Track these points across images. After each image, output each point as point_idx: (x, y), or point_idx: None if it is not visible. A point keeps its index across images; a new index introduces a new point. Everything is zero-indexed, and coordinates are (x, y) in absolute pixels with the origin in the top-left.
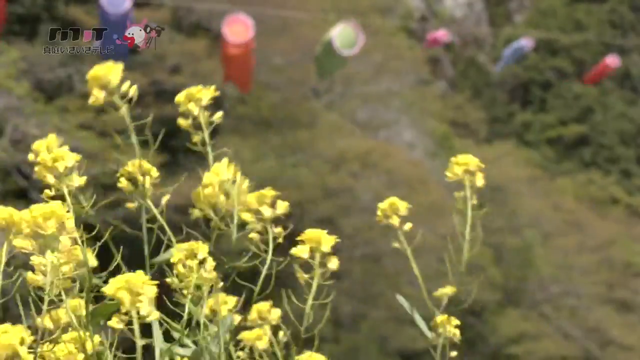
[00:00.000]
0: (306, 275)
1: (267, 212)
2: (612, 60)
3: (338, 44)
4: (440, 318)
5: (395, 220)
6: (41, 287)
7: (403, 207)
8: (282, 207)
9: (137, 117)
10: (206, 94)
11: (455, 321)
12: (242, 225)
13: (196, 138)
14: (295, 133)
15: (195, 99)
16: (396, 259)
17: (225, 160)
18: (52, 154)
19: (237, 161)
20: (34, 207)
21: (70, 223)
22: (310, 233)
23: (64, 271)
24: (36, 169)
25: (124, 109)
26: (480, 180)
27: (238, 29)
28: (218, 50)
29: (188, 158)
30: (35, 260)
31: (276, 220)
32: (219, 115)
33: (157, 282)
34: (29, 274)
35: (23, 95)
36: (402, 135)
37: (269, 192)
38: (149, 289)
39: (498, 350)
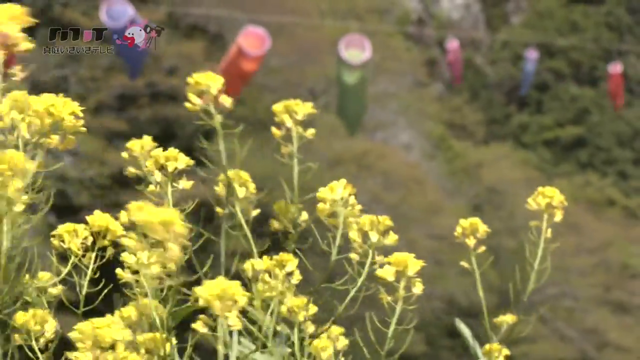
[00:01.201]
0: (389, 298)
1: (374, 237)
2: (616, 67)
3: (347, 58)
4: (491, 346)
5: (471, 241)
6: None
7: (483, 228)
8: (392, 239)
9: (132, 119)
10: (303, 108)
11: (506, 351)
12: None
13: (284, 150)
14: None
15: (291, 111)
16: None
17: (342, 180)
18: (166, 152)
19: (232, 161)
20: (145, 208)
21: (180, 228)
22: (397, 256)
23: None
24: (147, 162)
25: (217, 118)
26: (559, 217)
27: (253, 42)
28: (216, 52)
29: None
30: (127, 258)
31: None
32: (311, 131)
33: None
34: (119, 270)
35: None
36: (399, 136)
37: (384, 220)
38: (242, 299)
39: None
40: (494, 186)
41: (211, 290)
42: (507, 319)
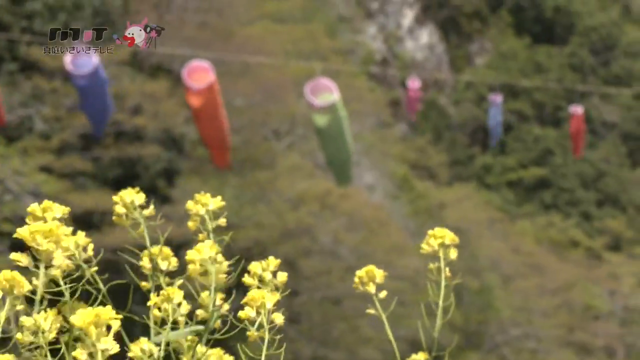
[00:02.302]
0: (256, 333)
1: (268, 276)
2: (577, 109)
3: (315, 102)
4: None
5: (372, 288)
6: None
7: (380, 275)
8: (282, 278)
9: (96, 158)
10: (214, 202)
11: None
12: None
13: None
14: (255, 174)
15: (202, 203)
16: (356, 302)
17: (209, 242)
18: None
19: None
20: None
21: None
22: (254, 293)
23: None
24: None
25: (143, 227)
26: (454, 254)
27: (199, 76)
28: (179, 92)
29: (148, 200)
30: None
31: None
32: (223, 221)
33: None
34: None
35: None
36: (362, 177)
37: (273, 262)
38: (115, 323)
39: None
40: (457, 227)
41: (85, 317)
42: (420, 357)
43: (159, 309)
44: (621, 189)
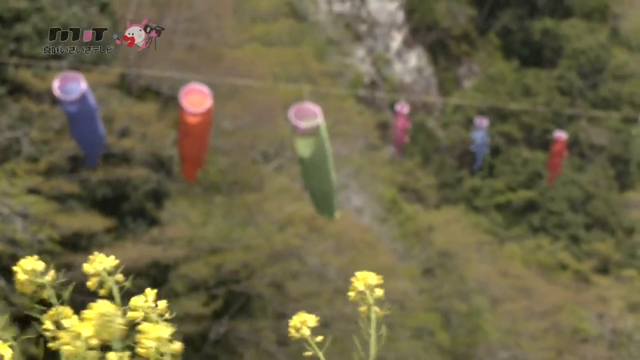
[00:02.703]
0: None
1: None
2: (561, 134)
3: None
4: None
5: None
6: None
7: (312, 320)
8: (162, 306)
9: (84, 181)
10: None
11: None
12: None
13: None
14: (243, 196)
15: None
16: (344, 324)
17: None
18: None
19: (185, 224)
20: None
21: None
22: (150, 327)
23: None
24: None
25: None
26: (379, 292)
27: (195, 99)
28: (168, 114)
29: (136, 222)
30: None
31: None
32: None
33: None
34: None
35: None
36: (351, 200)
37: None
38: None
39: None
40: (445, 250)
41: None
42: None
43: None
44: (609, 211)
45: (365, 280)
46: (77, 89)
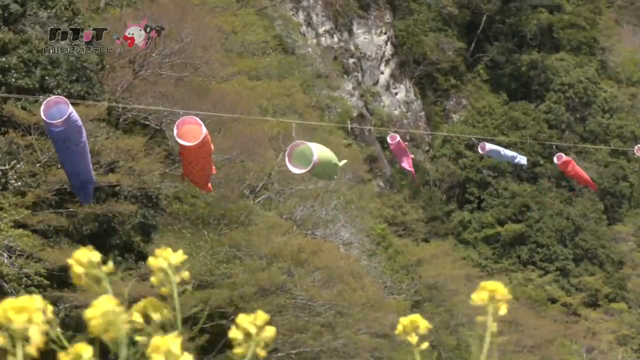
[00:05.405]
0: None
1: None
2: (560, 156)
3: (295, 164)
4: None
5: (413, 339)
6: None
7: (424, 325)
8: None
9: (71, 215)
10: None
11: None
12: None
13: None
14: (230, 230)
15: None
16: (332, 358)
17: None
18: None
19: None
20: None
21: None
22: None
23: None
24: None
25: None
26: (504, 310)
27: (190, 128)
28: (155, 147)
29: (124, 257)
30: None
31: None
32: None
33: None
34: None
35: None
36: (339, 233)
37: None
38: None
39: None
40: (434, 283)
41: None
42: None
43: None
44: (598, 244)
45: (492, 293)
46: (64, 113)
